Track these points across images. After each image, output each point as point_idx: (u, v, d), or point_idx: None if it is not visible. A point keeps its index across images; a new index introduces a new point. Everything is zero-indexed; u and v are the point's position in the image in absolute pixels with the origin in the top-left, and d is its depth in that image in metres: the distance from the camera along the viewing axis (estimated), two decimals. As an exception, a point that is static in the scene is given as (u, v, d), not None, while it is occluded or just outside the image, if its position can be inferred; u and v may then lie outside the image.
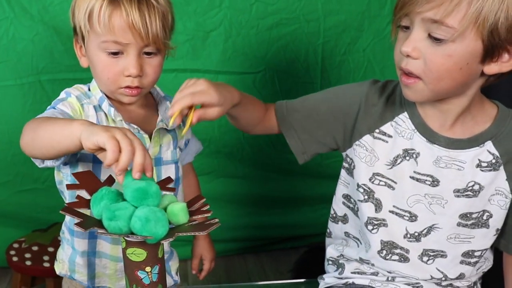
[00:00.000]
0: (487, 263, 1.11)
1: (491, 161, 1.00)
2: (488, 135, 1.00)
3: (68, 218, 1.18)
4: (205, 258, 1.39)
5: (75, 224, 0.81)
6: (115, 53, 1.03)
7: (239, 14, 1.74)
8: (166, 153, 1.15)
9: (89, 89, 1.11)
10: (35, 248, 1.70)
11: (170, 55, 1.14)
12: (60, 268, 1.24)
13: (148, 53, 1.05)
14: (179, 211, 0.84)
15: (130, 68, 1.03)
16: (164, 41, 1.05)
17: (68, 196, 1.15)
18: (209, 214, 0.86)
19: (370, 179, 1.06)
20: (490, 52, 0.88)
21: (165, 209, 0.85)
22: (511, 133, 1.00)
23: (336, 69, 1.87)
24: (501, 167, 1.00)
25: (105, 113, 1.09)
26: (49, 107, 1.06)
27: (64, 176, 1.14)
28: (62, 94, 1.09)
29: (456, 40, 0.87)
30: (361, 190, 1.07)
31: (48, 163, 1.01)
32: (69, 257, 1.21)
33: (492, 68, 0.90)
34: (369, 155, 1.06)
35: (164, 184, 0.91)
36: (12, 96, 1.74)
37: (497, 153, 0.99)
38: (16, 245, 1.71)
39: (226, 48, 1.78)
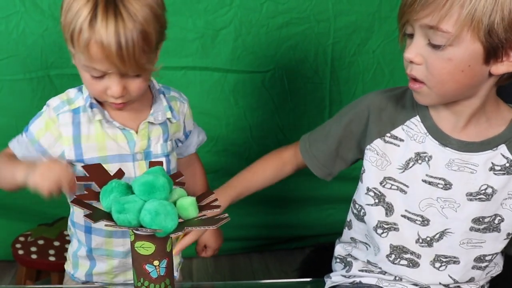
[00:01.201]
0: (496, 268, 1.10)
1: (504, 164, 0.99)
2: (502, 139, 0.99)
3: (71, 211, 1.19)
4: (209, 247, 1.38)
5: (84, 215, 0.82)
6: (99, 76, 1.02)
7: (249, 13, 1.74)
8: (155, 147, 1.15)
9: (81, 89, 1.12)
10: (41, 242, 1.70)
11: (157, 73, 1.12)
12: (67, 265, 1.27)
13: (133, 75, 1.03)
14: (188, 205, 0.84)
15: (112, 90, 1.02)
16: (146, 68, 1.01)
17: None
18: (218, 210, 0.85)
19: (381, 183, 1.06)
20: (493, 53, 0.87)
21: (174, 203, 0.85)
22: None
23: (346, 70, 1.86)
24: None
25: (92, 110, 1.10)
26: (25, 128, 1.13)
27: None
28: (44, 108, 1.12)
29: (454, 44, 0.87)
30: (371, 194, 1.07)
31: None
32: (73, 251, 1.22)
33: (499, 68, 0.90)
34: (380, 159, 1.06)
35: (174, 178, 0.91)
36: (21, 90, 1.75)
37: (511, 157, 0.99)
38: (22, 239, 1.72)
39: (236, 47, 1.78)
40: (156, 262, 0.85)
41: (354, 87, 1.89)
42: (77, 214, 1.18)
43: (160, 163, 0.95)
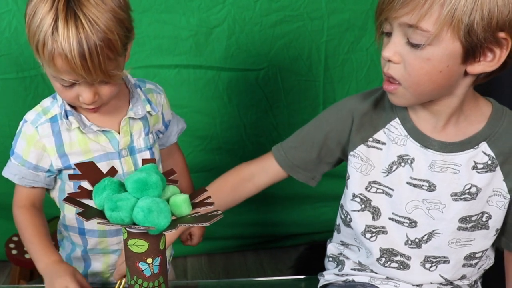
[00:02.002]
0: (488, 261, 1.10)
1: (486, 162, 0.98)
2: (482, 136, 0.98)
3: (62, 215, 1.20)
4: (194, 234, 1.37)
5: (77, 213, 0.81)
6: (69, 85, 1.01)
7: (242, 11, 1.73)
8: (138, 141, 1.15)
9: (55, 97, 1.11)
10: (34, 241, 1.69)
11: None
12: None
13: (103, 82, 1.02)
14: (182, 202, 0.83)
15: (83, 98, 1.02)
16: (113, 75, 1.00)
17: (59, 192, 1.17)
18: (211, 207, 0.85)
19: (366, 188, 1.06)
20: (471, 52, 0.87)
21: (167, 200, 0.85)
22: (505, 132, 0.98)
23: (339, 67, 1.86)
24: (497, 168, 0.99)
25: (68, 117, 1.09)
26: (10, 152, 1.13)
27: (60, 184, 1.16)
28: (20, 124, 1.11)
29: (433, 43, 0.86)
30: (357, 200, 1.06)
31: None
32: (66, 253, 1.22)
33: (476, 68, 0.89)
34: (364, 165, 1.05)
35: (167, 176, 0.91)
36: (13, 89, 1.74)
37: (492, 154, 0.98)
38: (15, 238, 1.71)
39: (229, 45, 1.78)
40: (149, 260, 0.85)
41: (348, 85, 1.89)
42: (68, 217, 1.18)
43: (153, 161, 0.95)
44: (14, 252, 1.65)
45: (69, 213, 1.17)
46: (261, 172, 1.17)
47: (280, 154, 1.15)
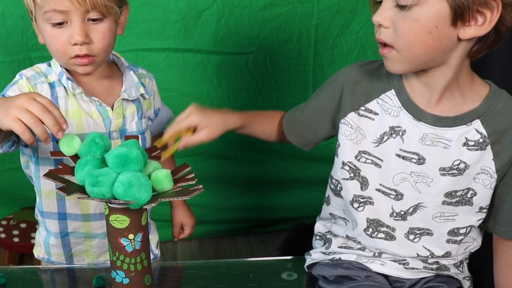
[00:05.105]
0: (475, 244, 1.10)
1: (478, 140, 0.98)
2: (476, 114, 0.98)
3: (38, 199, 1.17)
4: (186, 225, 1.38)
5: (58, 188, 0.81)
6: (59, 24, 1.02)
7: (232, -6, 1.73)
8: (130, 124, 1.14)
9: (50, 65, 1.10)
10: (23, 225, 1.69)
11: (122, 24, 1.11)
12: (37, 251, 1.25)
13: (94, 19, 1.03)
14: (163, 177, 0.83)
15: (74, 36, 1.01)
16: (106, 5, 1.01)
17: (35, 179, 1.15)
18: (193, 182, 0.85)
19: (356, 157, 1.06)
20: (460, 14, 0.87)
21: (149, 176, 0.84)
22: (500, 112, 0.98)
23: (329, 51, 1.86)
24: (488, 147, 0.99)
25: (64, 87, 1.08)
26: (1, 93, 1.07)
27: (28, 158, 1.14)
28: (16, 77, 1.09)
29: (420, 3, 0.88)
30: (347, 168, 1.07)
31: None
32: (43, 239, 1.21)
33: (467, 32, 0.89)
34: (354, 133, 1.05)
35: (150, 152, 0.91)
36: (1, 73, 1.73)
37: (485, 132, 0.98)
38: (4, 222, 1.71)
39: (219, 28, 1.77)
40: (131, 236, 0.84)
41: (338, 68, 1.84)
42: (47, 203, 1.15)
43: (136, 137, 0.94)
44: (2, 236, 1.65)
45: (48, 198, 1.14)
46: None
47: (288, 114, 1.21)
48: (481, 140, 0.98)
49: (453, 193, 1.01)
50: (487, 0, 0.86)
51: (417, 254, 1.06)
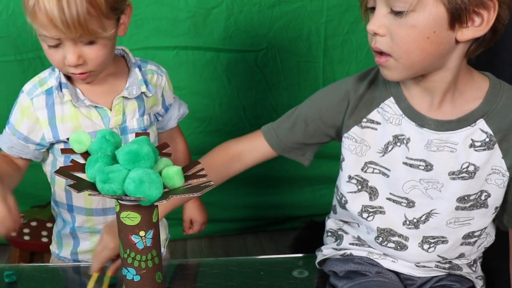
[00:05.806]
0: (488, 239, 1.08)
1: (484, 140, 0.96)
2: (479, 113, 0.96)
3: (52, 190, 1.20)
4: (195, 221, 1.37)
5: (68, 185, 0.80)
6: (54, 45, 1.02)
7: (241, -9, 1.72)
8: (131, 121, 1.14)
9: (53, 69, 1.11)
10: (33, 223, 1.69)
11: (121, 33, 1.09)
12: (52, 246, 1.27)
13: (86, 42, 1.02)
14: (174, 174, 0.82)
15: (67, 58, 1.02)
16: (93, 32, 0.99)
17: (51, 168, 1.17)
18: (204, 179, 0.84)
19: (362, 169, 1.04)
20: (457, 16, 0.85)
21: (160, 173, 0.84)
22: (503, 108, 0.96)
23: (339, 48, 1.85)
24: (496, 145, 0.96)
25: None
26: (7, 121, 1.13)
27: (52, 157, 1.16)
28: (20, 93, 1.11)
29: (417, 9, 0.85)
30: (354, 181, 1.05)
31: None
32: (58, 230, 1.23)
33: (465, 34, 0.87)
34: (359, 146, 1.04)
35: (160, 149, 0.90)
36: (11, 71, 1.74)
37: (490, 131, 0.96)
38: (14, 220, 1.71)
39: (228, 26, 1.77)
40: (142, 233, 0.84)
41: (348, 65, 1.88)
42: (59, 193, 1.18)
43: (146, 134, 0.94)
44: (13, 234, 1.65)
45: (59, 188, 1.17)
46: (250, 152, 1.15)
47: (272, 136, 1.13)
48: (487, 140, 0.96)
49: (466, 198, 0.99)
50: (484, 0, 0.84)
51: (429, 261, 1.05)
